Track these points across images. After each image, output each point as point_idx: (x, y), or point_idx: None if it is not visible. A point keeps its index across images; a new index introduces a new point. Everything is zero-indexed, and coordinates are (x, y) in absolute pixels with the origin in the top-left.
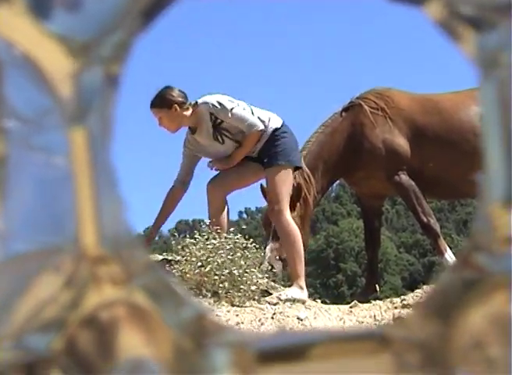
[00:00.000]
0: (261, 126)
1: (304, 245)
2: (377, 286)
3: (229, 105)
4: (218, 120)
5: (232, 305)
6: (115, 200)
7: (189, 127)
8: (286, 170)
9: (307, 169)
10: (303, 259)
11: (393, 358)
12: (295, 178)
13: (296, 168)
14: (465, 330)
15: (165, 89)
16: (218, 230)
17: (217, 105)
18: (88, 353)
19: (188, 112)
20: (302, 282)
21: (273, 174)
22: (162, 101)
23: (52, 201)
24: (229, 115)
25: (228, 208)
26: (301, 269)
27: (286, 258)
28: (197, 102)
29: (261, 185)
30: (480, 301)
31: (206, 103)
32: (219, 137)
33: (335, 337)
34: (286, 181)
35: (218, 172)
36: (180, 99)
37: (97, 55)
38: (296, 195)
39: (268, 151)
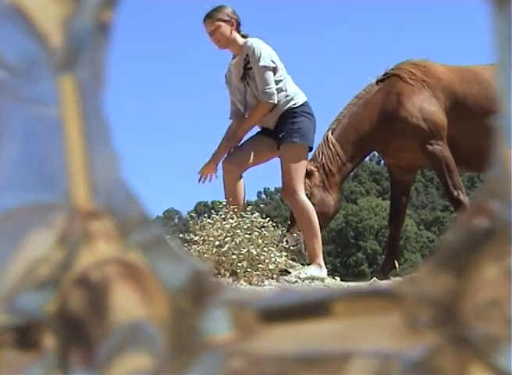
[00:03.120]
0: (275, 100)
1: (333, 211)
2: (396, 262)
3: (263, 61)
4: (249, 65)
5: (251, 284)
6: (108, 152)
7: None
8: (300, 148)
9: (333, 138)
10: (319, 237)
11: (404, 316)
12: (318, 148)
13: (310, 149)
14: (480, 284)
15: (224, 5)
16: (235, 209)
17: (256, 53)
18: (82, 315)
19: (239, 38)
20: (320, 260)
21: (287, 152)
22: (221, 14)
23: (44, 155)
24: (257, 68)
25: (244, 186)
26: (319, 247)
27: (303, 237)
28: (247, 36)
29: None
30: (495, 253)
31: (251, 45)
32: (244, 81)
33: (340, 295)
34: (299, 160)
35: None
36: (237, 20)
37: (87, 2)
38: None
39: (284, 127)
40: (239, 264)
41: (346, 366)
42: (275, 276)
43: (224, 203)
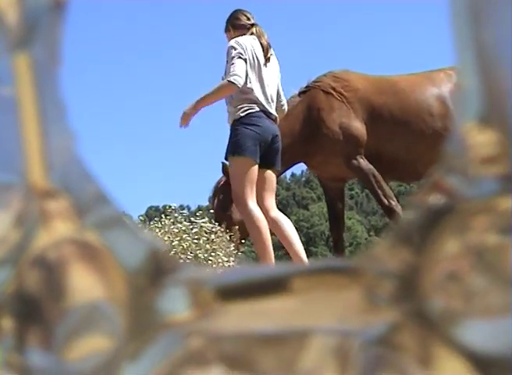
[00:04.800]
0: (237, 82)
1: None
2: None
3: (236, 51)
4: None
5: None
6: (64, 131)
7: None
8: (238, 162)
9: None
10: (270, 247)
11: (363, 291)
12: None
13: (253, 157)
14: (439, 259)
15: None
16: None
17: (232, 44)
18: (39, 295)
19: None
20: None
21: (229, 168)
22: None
23: None
24: (227, 53)
25: None
26: (269, 256)
27: (254, 247)
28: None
29: (223, 163)
30: (454, 229)
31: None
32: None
33: (300, 271)
34: (240, 173)
35: None
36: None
37: None
38: (226, 176)
39: (228, 142)
40: None
41: (306, 342)
42: None
43: (174, 207)
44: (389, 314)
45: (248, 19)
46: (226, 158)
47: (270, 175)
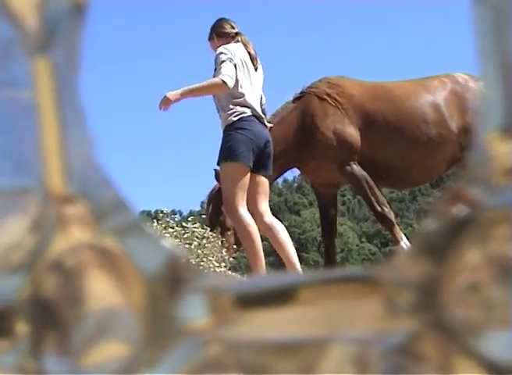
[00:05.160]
0: (228, 82)
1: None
2: None
3: (225, 56)
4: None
5: None
6: (83, 137)
7: None
8: (230, 167)
9: None
10: (261, 254)
11: (383, 301)
12: None
13: (244, 162)
14: (459, 270)
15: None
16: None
17: (221, 51)
18: (55, 300)
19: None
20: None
21: (221, 173)
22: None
23: (18, 139)
24: (216, 59)
25: None
26: (260, 263)
27: (245, 253)
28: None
29: (215, 170)
30: (476, 239)
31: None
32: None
33: (320, 279)
34: (232, 178)
35: None
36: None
37: None
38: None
39: (220, 147)
40: None
41: (325, 351)
42: None
43: (166, 212)
44: (408, 324)
45: (232, 27)
46: (219, 164)
47: (263, 180)
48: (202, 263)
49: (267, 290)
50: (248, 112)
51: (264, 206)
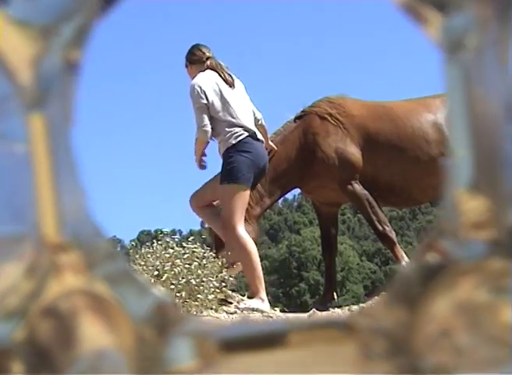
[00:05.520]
0: (204, 133)
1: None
2: (335, 294)
3: (195, 98)
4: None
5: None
6: (76, 188)
7: None
8: (230, 189)
9: None
10: (260, 271)
11: (359, 346)
12: None
13: (245, 183)
14: (431, 317)
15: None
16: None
17: (192, 90)
18: (49, 343)
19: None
20: (262, 294)
21: (220, 194)
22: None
23: (13, 189)
24: (192, 104)
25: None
26: (260, 281)
27: (244, 272)
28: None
29: None
30: (445, 288)
31: (191, 84)
32: None
33: (299, 325)
34: (232, 200)
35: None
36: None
37: (56, 41)
38: None
39: (222, 168)
40: (177, 294)
41: None
42: (213, 306)
43: (166, 232)
44: (383, 368)
45: (203, 53)
46: (221, 184)
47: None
48: (202, 284)
49: (250, 335)
50: (245, 132)
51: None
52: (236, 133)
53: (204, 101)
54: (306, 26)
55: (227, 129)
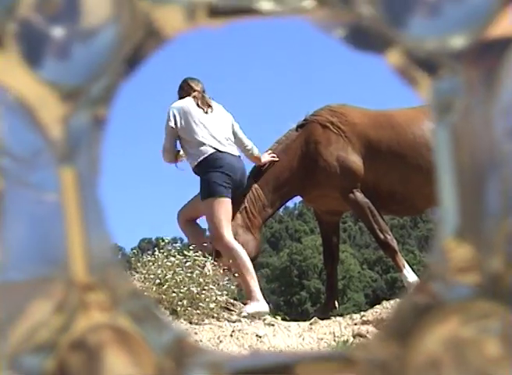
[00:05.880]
0: (162, 154)
1: (255, 252)
2: (336, 302)
3: (166, 121)
4: None
5: (191, 323)
6: (102, 233)
7: None
8: (211, 203)
9: (255, 183)
10: (253, 273)
11: None
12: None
13: (225, 195)
14: (421, 351)
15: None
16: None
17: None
18: (78, 374)
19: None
20: (258, 294)
21: (203, 209)
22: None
23: (44, 234)
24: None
25: (198, 227)
26: (254, 283)
27: (239, 278)
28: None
29: None
30: (434, 325)
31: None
32: None
33: (305, 358)
34: (215, 211)
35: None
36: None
37: (85, 100)
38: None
39: (199, 187)
40: (179, 302)
41: None
42: (215, 314)
43: (167, 240)
44: None
45: (191, 87)
46: (202, 200)
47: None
48: (204, 292)
49: (259, 367)
50: (211, 149)
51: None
52: (202, 151)
53: (172, 125)
54: (309, 35)
55: (194, 148)
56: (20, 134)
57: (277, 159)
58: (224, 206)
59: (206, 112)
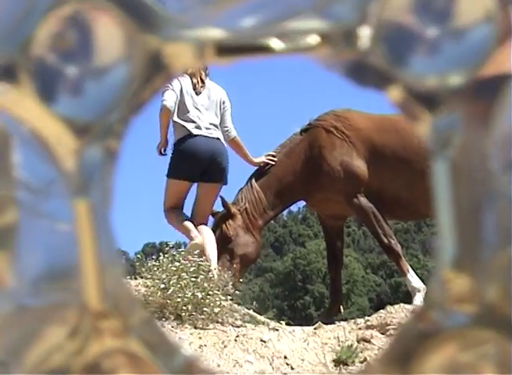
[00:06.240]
0: (167, 103)
1: (255, 253)
2: (341, 306)
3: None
4: None
5: (196, 328)
6: (115, 262)
7: None
8: (167, 182)
9: (257, 185)
10: (191, 226)
11: None
12: (242, 192)
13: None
14: None
15: None
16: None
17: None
18: None
19: None
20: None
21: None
22: None
23: (58, 262)
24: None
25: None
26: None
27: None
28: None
29: (221, 197)
30: (433, 351)
31: None
32: None
33: None
34: (166, 190)
35: None
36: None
37: (97, 134)
38: (226, 210)
39: None
40: (183, 307)
41: None
42: (220, 319)
43: (171, 245)
44: None
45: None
46: None
47: (207, 190)
48: (209, 297)
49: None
50: (184, 132)
51: (201, 218)
52: (179, 133)
53: (172, 88)
54: None
55: (178, 129)
56: (35, 166)
57: (274, 163)
58: (173, 187)
59: (197, 94)
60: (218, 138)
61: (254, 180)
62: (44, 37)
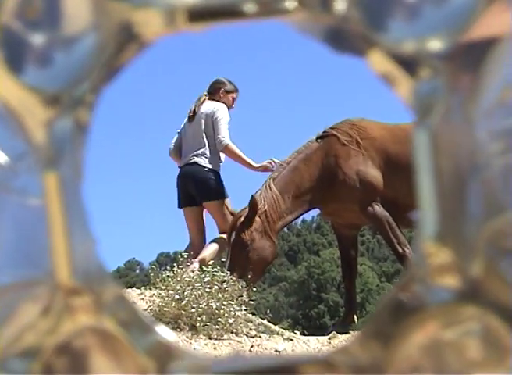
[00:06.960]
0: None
1: (271, 257)
2: (355, 316)
3: None
4: None
5: (210, 338)
6: (87, 238)
7: None
8: None
9: (275, 189)
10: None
11: None
12: (260, 194)
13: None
14: (402, 354)
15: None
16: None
17: None
18: None
19: None
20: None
21: None
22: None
23: (29, 238)
24: None
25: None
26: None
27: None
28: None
29: (252, 196)
30: (415, 328)
31: None
32: None
33: (285, 361)
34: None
35: None
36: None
37: (67, 104)
38: (252, 210)
39: None
40: (198, 318)
41: None
42: (234, 330)
43: (186, 255)
44: None
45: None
46: None
47: (194, 213)
48: (223, 307)
49: (239, 370)
50: (181, 163)
51: (197, 239)
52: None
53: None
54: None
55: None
56: (3, 139)
57: (272, 170)
58: (185, 217)
59: (190, 122)
60: (195, 163)
61: (272, 182)
62: (12, 2)
